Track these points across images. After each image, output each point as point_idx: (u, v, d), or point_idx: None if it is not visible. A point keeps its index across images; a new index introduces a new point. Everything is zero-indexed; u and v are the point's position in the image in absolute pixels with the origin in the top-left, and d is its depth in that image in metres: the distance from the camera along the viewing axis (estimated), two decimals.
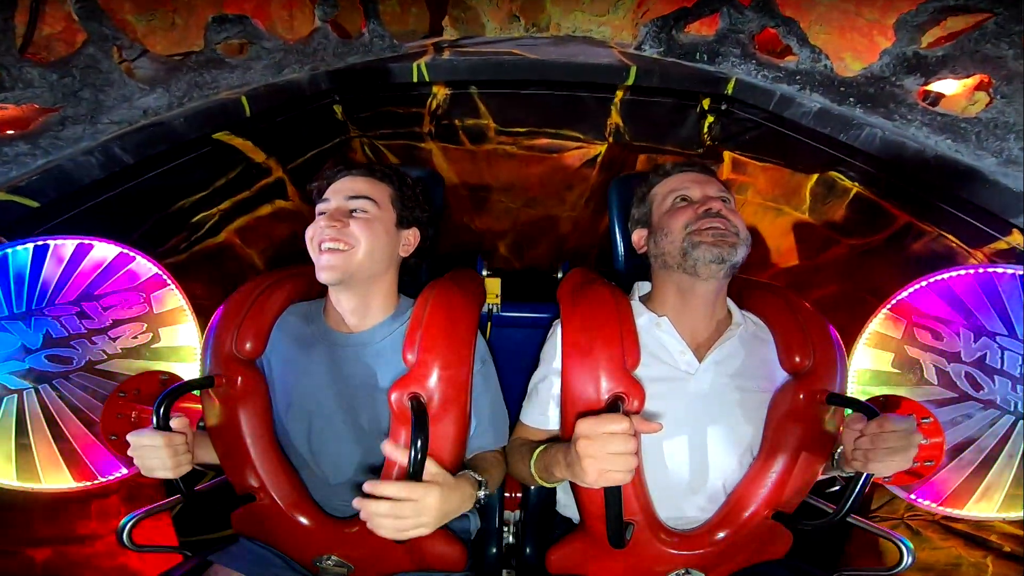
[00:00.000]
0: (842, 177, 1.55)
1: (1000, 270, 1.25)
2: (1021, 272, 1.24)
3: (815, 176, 1.62)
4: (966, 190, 1.22)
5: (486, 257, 2.08)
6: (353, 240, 1.01)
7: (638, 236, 1.13)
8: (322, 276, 1.01)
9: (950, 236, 1.35)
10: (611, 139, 1.74)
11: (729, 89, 1.49)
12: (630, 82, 1.52)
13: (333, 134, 1.73)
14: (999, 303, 1.24)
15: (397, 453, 0.86)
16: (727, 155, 1.73)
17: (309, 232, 1.04)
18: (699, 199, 1.02)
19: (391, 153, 1.83)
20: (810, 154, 1.54)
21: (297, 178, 1.71)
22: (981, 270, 1.26)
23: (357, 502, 0.80)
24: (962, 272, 1.27)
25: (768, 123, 1.56)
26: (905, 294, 1.30)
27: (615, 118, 1.69)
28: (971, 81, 1.24)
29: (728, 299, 1.08)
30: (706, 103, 1.61)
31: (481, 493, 0.95)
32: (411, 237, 1.12)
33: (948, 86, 1.28)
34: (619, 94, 1.63)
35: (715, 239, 0.96)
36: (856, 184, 1.54)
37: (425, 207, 1.15)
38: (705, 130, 1.67)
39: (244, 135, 1.51)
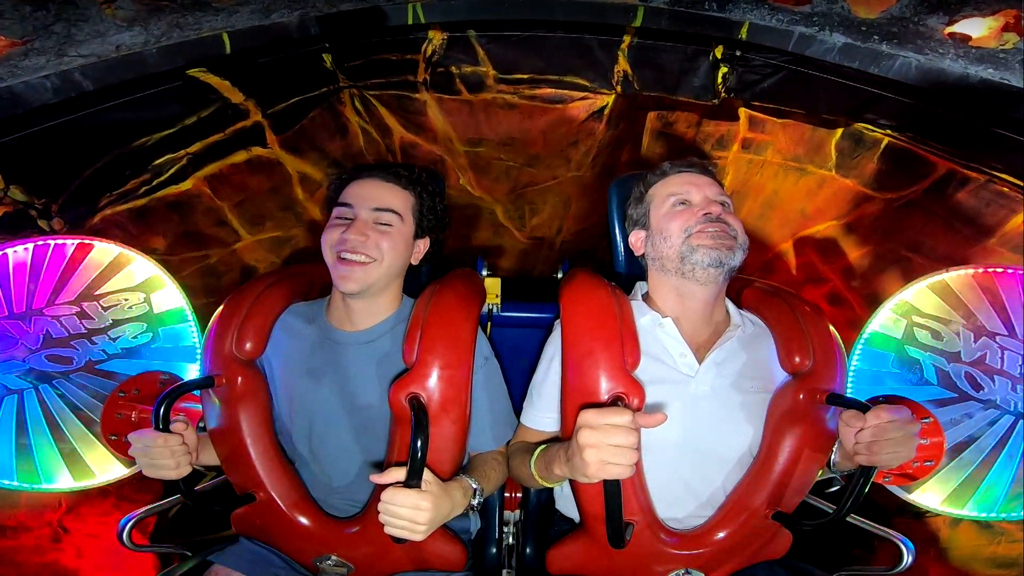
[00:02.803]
0: (871, 128, 1.46)
1: (1000, 270, 1.26)
2: (1021, 272, 1.24)
3: (840, 131, 1.52)
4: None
5: (485, 219, 1.95)
6: (378, 253, 1.00)
7: (636, 238, 1.10)
8: (341, 286, 1.00)
9: (1004, 176, 1.26)
10: (619, 88, 1.61)
11: (743, 34, 1.37)
12: (638, 23, 1.41)
13: (320, 83, 1.61)
14: (999, 303, 1.24)
15: (384, 478, 0.86)
16: (743, 112, 1.62)
17: (328, 237, 1.02)
18: (699, 203, 1.00)
19: (382, 105, 1.71)
20: (837, 96, 1.43)
21: (278, 124, 1.59)
22: (980, 270, 1.26)
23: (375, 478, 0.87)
24: (962, 272, 1.27)
25: (789, 65, 1.45)
26: (906, 293, 1.30)
27: (623, 64, 1.57)
28: (995, 22, 1.15)
29: (727, 300, 1.07)
30: (719, 51, 1.50)
31: (474, 501, 0.95)
32: (423, 245, 1.11)
33: (973, 27, 1.17)
34: (627, 39, 1.52)
35: (714, 242, 0.94)
36: (887, 134, 1.44)
37: (438, 214, 1.13)
38: (719, 80, 1.55)
39: (221, 74, 1.41)
